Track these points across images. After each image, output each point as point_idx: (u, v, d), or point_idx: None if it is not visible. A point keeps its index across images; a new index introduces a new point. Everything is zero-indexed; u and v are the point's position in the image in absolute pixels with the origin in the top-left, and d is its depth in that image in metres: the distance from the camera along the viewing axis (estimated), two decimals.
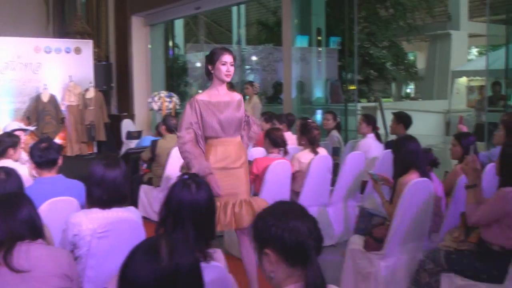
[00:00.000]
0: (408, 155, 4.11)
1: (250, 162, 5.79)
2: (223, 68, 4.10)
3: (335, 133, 7.17)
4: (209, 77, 4.22)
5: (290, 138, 6.44)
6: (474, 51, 25.61)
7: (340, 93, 12.17)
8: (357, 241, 4.28)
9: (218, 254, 2.69)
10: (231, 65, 4.13)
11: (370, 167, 5.65)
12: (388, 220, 4.16)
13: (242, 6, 16.38)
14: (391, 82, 22.21)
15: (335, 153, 6.73)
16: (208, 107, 4.11)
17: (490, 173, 4.11)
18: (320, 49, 12.93)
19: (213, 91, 4.19)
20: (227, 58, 4.12)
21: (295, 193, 5.53)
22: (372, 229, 4.21)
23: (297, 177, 5.55)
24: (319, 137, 5.71)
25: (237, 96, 4.29)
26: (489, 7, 10.67)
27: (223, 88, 4.23)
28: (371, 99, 17.72)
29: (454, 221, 4.18)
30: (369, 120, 6.39)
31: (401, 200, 3.92)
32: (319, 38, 12.81)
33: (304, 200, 5.40)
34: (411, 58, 24.63)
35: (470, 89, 18.09)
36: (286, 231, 1.85)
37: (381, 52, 19.51)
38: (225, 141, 4.17)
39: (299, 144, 5.81)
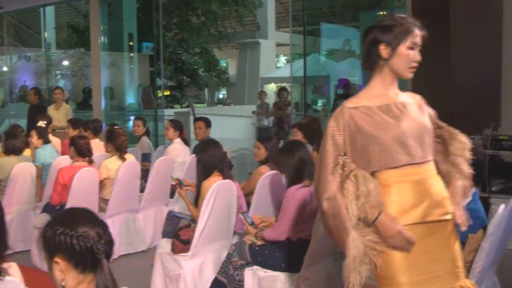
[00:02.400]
0: (210, 159, 4.27)
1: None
2: (410, 55, 2.46)
3: (145, 139, 7.19)
4: (371, 66, 2.55)
5: (98, 145, 6.33)
6: (283, 59, 27.17)
7: (153, 99, 12.22)
8: (164, 245, 4.35)
9: (13, 268, 2.59)
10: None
11: (179, 171, 5.77)
12: (195, 222, 4.28)
13: (51, 8, 15.67)
14: (204, 88, 22.73)
15: (146, 159, 6.75)
16: (371, 117, 2.44)
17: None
18: (132, 54, 12.86)
19: (377, 90, 2.53)
20: (419, 38, 2.48)
21: (104, 200, 5.45)
22: (178, 232, 4.29)
23: (105, 184, 5.48)
24: (126, 143, 5.70)
25: (414, 96, 2.64)
26: (292, 19, 11.42)
27: (394, 87, 2.55)
28: (185, 104, 18.01)
29: None
30: (176, 125, 6.52)
31: (205, 202, 4.06)
32: (131, 43, 12.74)
33: (113, 207, 5.36)
34: (224, 65, 25.43)
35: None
36: (75, 237, 1.84)
37: (193, 58, 19.92)
38: (413, 173, 2.44)
39: (106, 151, 5.74)
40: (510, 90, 5.70)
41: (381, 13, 12.47)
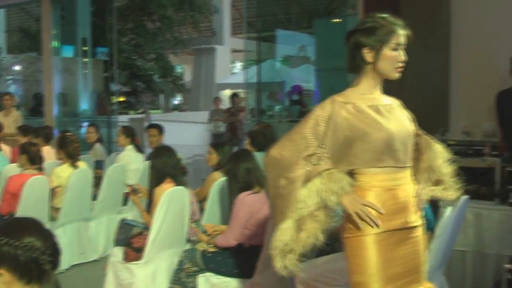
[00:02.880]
0: (163, 165, 4.25)
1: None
2: (395, 57, 2.42)
3: (98, 146, 7.09)
4: (355, 69, 2.51)
5: (49, 152, 6.22)
6: (239, 65, 27.23)
7: (107, 105, 12.07)
8: (117, 253, 4.30)
9: None
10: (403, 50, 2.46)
11: (131, 178, 5.72)
12: (148, 230, 4.25)
13: (1, 11, 15.38)
14: (159, 94, 22.59)
15: (99, 166, 6.65)
16: (362, 114, 2.40)
17: None
18: (85, 59, 12.68)
19: (363, 90, 2.48)
20: (403, 37, 2.43)
21: (56, 209, 5.35)
22: (131, 240, 4.25)
23: (57, 192, 5.38)
24: (79, 150, 5.61)
25: (394, 100, 2.60)
26: (247, 25, 11.44)
27: (378, 89, 2.52)
28: (140, 110, 17.88)
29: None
30: (128, 132, 6.46)
31: (157, 208, 4.04)
32: (85, 48, 12.57)
33: (64, 215, 5.28)
34: (179, 70, 25.33)
35: None
36: (19, 248, 1.81)
37: (148, 64, 19.78)
38: (394, 178, 2.43)
39: (58, 158, 5.64)
40: (458, 96, 5.85)
41: (334, 20, 12.62)
